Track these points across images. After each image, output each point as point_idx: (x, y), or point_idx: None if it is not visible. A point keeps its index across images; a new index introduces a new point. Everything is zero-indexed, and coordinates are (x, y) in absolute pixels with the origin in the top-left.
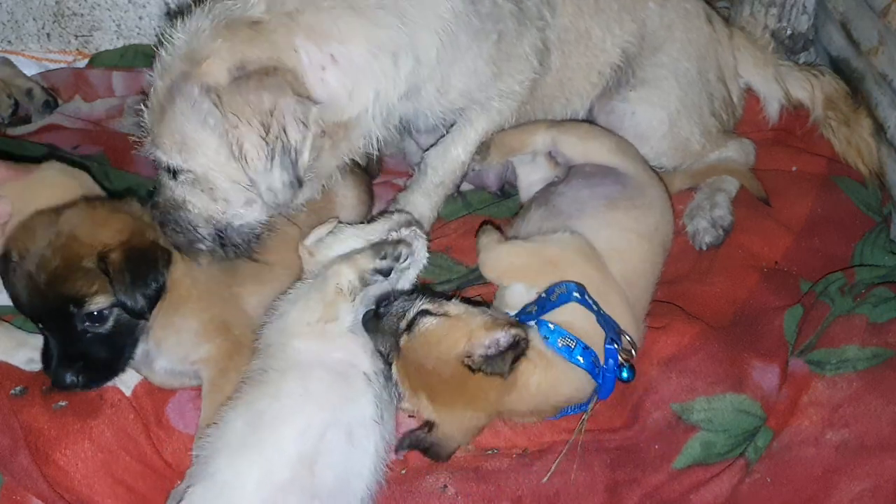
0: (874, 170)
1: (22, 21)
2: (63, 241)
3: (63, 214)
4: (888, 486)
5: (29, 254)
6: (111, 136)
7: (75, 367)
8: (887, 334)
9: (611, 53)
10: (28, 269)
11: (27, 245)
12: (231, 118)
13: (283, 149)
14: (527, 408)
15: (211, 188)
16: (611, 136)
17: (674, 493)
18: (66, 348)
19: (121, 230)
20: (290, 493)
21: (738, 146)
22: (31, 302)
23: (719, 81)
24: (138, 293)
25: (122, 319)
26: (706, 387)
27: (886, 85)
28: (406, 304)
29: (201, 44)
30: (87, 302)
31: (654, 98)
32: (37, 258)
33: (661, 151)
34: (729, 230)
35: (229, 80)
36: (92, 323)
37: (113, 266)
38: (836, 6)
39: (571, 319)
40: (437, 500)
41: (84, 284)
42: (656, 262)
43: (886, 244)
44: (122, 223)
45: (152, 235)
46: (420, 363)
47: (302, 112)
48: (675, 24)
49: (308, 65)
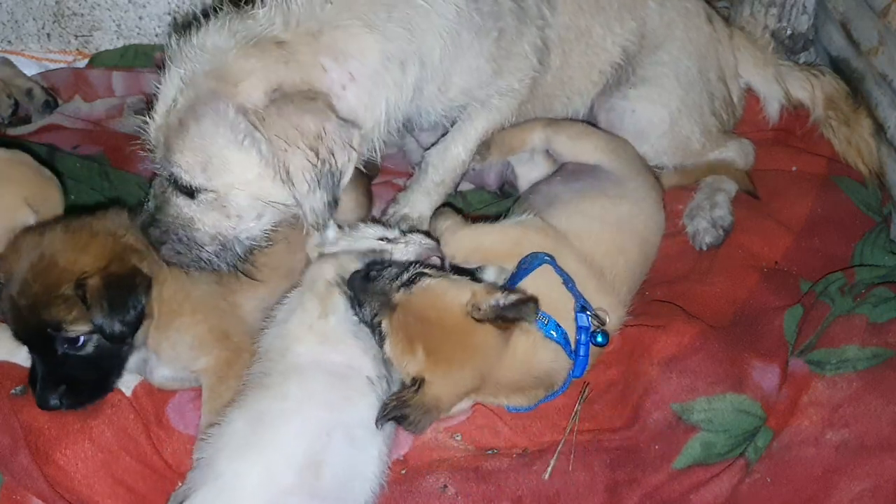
0: (874, 169)
1: (22, 21)
2: (43, 267)
3: (46, 236)
4: (888, 486)
5: (12, 277)
6: (111, 136)
7: (59, 389)
8: (887, 334)
9: (611, 52)
10: (11, 292)
11: (11, 267)
12: (277, 142)
13: (329, 172)
14: (511, 376)
15: (225, 206)
16: (602, 135)
17: (674, 494)
18: (50, 371)
19: (100, 256)
20: (294, 495)
21: (737, 146)
22: (15, 325)
23: (720, 81)
24: (116, 320)
25: (103, 344)
26: (706, 387)
27: (886, 85)
28: (400, 268)
29: (231, 63)
30: (65, 328)
31: (654, 96)
32: (19, 282)
33: (661, 149)
34: (729, 230)
35: (267, 103)
36: (72, 347)
37: (91, 293)
38: (836, 6)
39: (543, 289)
40: (437, 500)
41: (61, 311)
42: (629, 251)
43: (886, 244)
44: (102, 248)
45: (134, 259)
46: (422, 315)
47: (347, 136)
48: (675, 22)
49: (332, 84)
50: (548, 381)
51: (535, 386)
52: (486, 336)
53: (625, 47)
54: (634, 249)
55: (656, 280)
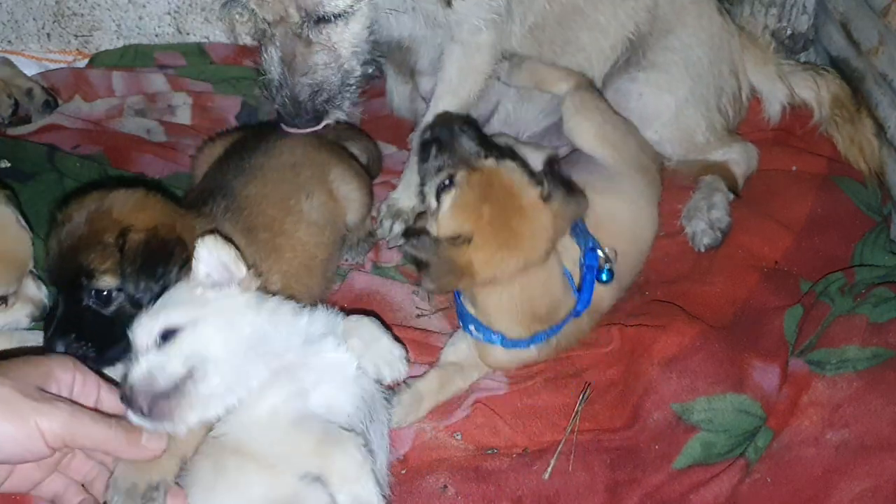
0: (875, 169)
1: (22, 21)
2: (97, 214)
3: (115, 192)
4: (888, 486)
5: (70, 220)
6: (111, 136)
7: (69, 337)
8: (887, 334)
9: (625, 24)
10: (61, 232)
11: (72, 212)
12: None
13: None
14: (532, 292)
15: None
16: (608, 124)
17: (674, 494)
18: (67, 318)
19: (152, 218)
20: None
21: (741, 149)
22: (52, 264)
23: (731, 75)
24: (142, 280)
25: (125, 308)
26: (706, 387)
27: (886, 85)
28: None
29: None
30: (96, 276)
31: (662, 82)
32: (72, 224)
33: (664, 137)
34: (727, 231)
35: None
36: (98, 300)
37: (129, 246)
38: (836, 6)
39: None
40: (437, 500)
41: (98, 258)
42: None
43: (886, 244)
44: (157, 212)
45: (187, 238)
46: (503, 184)
47: None
48: (686, 8)
49: None
50: (553, 315)
51: (540, 319)
52: (546, 227)
53: (637, 24)
54: (619, 246)
55: (656, 280)
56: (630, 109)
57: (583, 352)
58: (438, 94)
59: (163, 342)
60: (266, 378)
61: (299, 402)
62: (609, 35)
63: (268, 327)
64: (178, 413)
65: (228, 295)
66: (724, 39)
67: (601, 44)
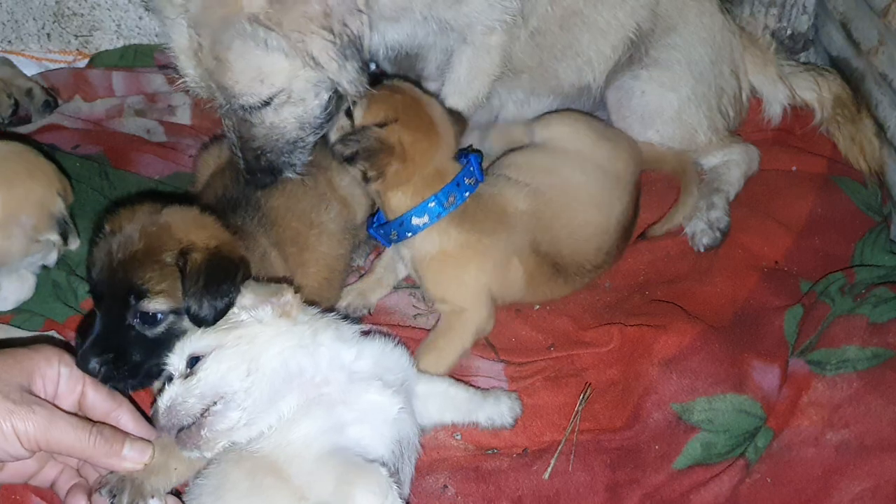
0: (875, 169)
1: (22, 21)
2: (155, 229)
3: (167, 208)
4: (888, 486)
5: (121, 231)
6: (111, 136)
7: (104, 357)
8: (888, 334)
9: (625, 25)
10: (112, 243)
11: (123, 223)
12: (294, 35)
13: (349, 42)
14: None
15: (289, 95)
16: (575, 116)
17: (674, 494)
18: (106, 335)
19: (214, 236)
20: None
21: (742, 150)
22: (99, 277)
23: (732, 76)
24: (206, 300)
25: (173, 330)
26: (707, 387)
27: (886, 85)
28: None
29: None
30: (148, 297)
31: (664, 80)
32: (125, 236)
33: (666, 136)
34: (726, 231)
35: (269, 3)
36: (142, 322)
37: (192, 265)
38: (836, 6)
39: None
40: (437, 500)
41: (154, 277)
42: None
43: (886, 244)
44: (219, 230)
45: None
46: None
47: (351, 1)
48: (687, 5)
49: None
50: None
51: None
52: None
53: (639, 22)
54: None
55: (656, 280)
56: (632, 107)
57: (583, 351)
58: (446, 93)
59: (190, 369)
60: (299, 405)
61: (334, 436)
62: (609, 36)
63: (302, 356)
64: (202, 444)
65: (262, 319)
66: (725, 38)
67: (601, 46)
